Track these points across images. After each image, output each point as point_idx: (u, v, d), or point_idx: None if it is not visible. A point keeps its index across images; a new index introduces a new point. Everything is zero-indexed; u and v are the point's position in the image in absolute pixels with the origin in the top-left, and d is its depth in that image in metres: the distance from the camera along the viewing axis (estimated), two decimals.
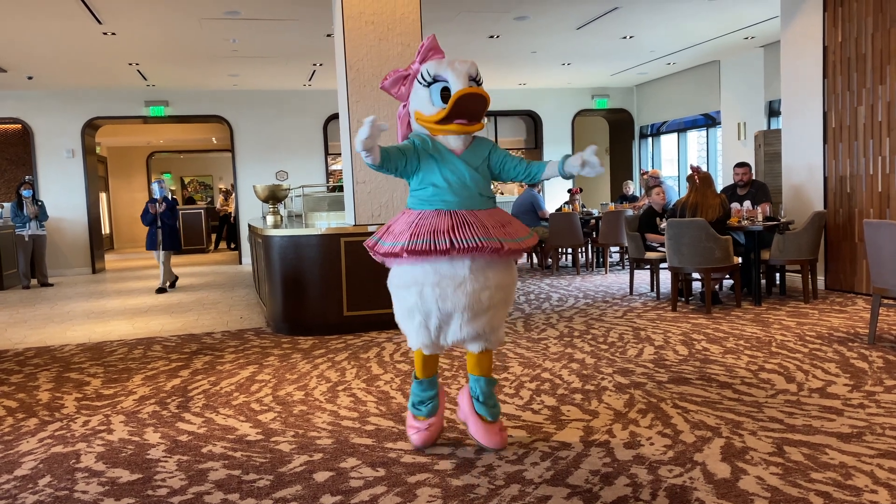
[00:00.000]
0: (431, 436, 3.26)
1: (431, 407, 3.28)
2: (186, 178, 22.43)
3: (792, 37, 7.65)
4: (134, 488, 2.94)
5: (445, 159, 3.07)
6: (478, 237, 2.92)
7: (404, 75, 3.16)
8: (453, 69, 3.01)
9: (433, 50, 3.15)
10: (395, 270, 3.13)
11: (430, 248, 2.91)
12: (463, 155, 3.09)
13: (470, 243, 2.90)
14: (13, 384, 4.79)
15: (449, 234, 2.92)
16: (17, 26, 7.88)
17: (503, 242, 2.97)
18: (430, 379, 3.27)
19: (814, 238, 6.65)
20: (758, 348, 4.94)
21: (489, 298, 3.01)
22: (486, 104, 3.01)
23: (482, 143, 3.20)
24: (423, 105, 3.07)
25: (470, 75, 3.02)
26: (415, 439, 3.25)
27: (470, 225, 2.96)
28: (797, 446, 3.09)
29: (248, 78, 11.58)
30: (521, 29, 8.93)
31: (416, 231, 2.96)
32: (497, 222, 3.05)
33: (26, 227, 10.35)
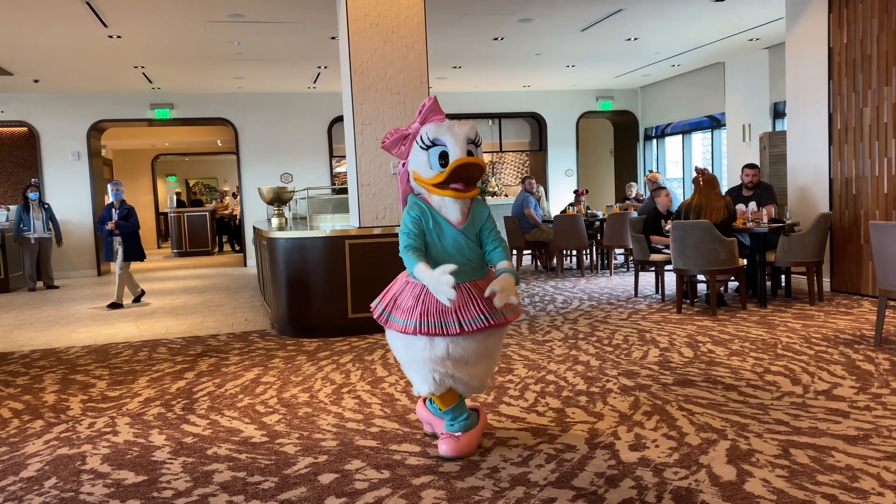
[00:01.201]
0: (463, 446, 3.15)
1: (470, 420, 3.23)
2: (191, 181, 22.50)
3: (797, 38, 7.64)
4: (139, 490, 2.94)
5: (445, 232, 3.12)
6: (483, 315, 3.01)
7: (405, 135, 3.19)
8: (452, 134, 3.05)
9: (433, 111, 3.16)
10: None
11: (440, 331, 2.99)
12: (463, 228, 3.13)
13: (477, 324, 3.00)
14: (19, 386, 4.81)
15: (457, 314, 3.00)
16: (23, 30, 7.92)
17: (506, 316, 3.10)
18: (458, 402, 3.21)
19: (819, 240, 6.63)
20: (763, 350, 4.92)
21: (494, 345, 3.19)
22: (482, 172, 3.09)
23: (479, 210, 3.21)
24: (421, 167, 3.10)
25: (469, 139, 3.07)
26: (445, 448, 3.14)
27: (474, 300, 3.03)
28: (803, 448, 3.08)
29: (253, 80, 11.61)
30: (525, 31, 8.93)
31: (425, 310, 3.01)
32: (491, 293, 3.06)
33: (29, 230, 10.37)
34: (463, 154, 3.03)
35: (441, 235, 3.11)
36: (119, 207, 8.28)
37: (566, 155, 14.21)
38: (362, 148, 6.11)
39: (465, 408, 3.25)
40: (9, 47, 8.71)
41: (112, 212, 8.26)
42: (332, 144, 13.27)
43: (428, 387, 3.13)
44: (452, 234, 3.11)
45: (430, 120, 3.14)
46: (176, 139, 17.78)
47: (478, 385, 3.22)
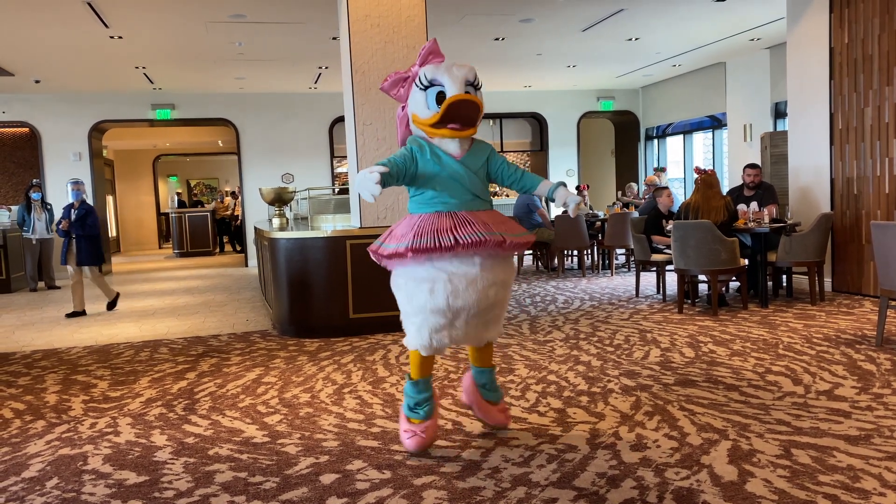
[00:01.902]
0: (427, 440, 3.21)
1: (428, 409, 3.24)
2: (193, 181, 22.52)
3: (798, 38, 7.63)
4: (141, 490, 2.94)
5: (444, 163, 3.12)
6: (480, 232, 2.98)
7: (404, 77, 3.19)
8: (450, 74, 3.05)
9: (433, 53, 3.18)
10: (401, 271, 3.14)
11: (434, 245, 2.94)
12: (462, 158, 3.14)
13: (473, 238, 2.96)
14: (21, 386, 4.81)
15: (452, 232, 2.98)
16: (24, 30, 7.93)
17: (505, 236, 3.05)
18: (426, 379, 3.26)
19: (820, 240, 6.62)
20: (764, 350, 4.92)
21: (496, 294, 3.09)
22: (479, 110, 3.06)
23: (481, 147, 3.24)
24: (419, 108, 3.11)
25: (467, 80, 3.06)
26: (409, 444, 3.19)
27: (470, 223, 3.02)
28: (804, 449, 3.08)
29: (254, 81, 11.62)
30: (526, 31, 8.93)
31: (419, 231, 3.00)
32: (496, 220, 3.12)
33: (30, 231, 10.38)
34: (460, 92, 3.02)
35: (441, 166, 3.10)
36: (78, 207, 7.79)
37: (567, 155, 14.21)
38: (363, 148, 6.11)
39: (431, 387, 3.27)
40: (10, 48, 8.72)
41: (71, 212, 7.79)
42: (334, 145, 13.28)
43: (420, 339, 3.10)
44: (452, 166, 3.10)
45: (430, 62, 3.14)
46: (177, 140, 17.80)
47: (475, 336, 3.17)
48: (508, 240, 3.05)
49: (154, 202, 19.75)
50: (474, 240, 2.95)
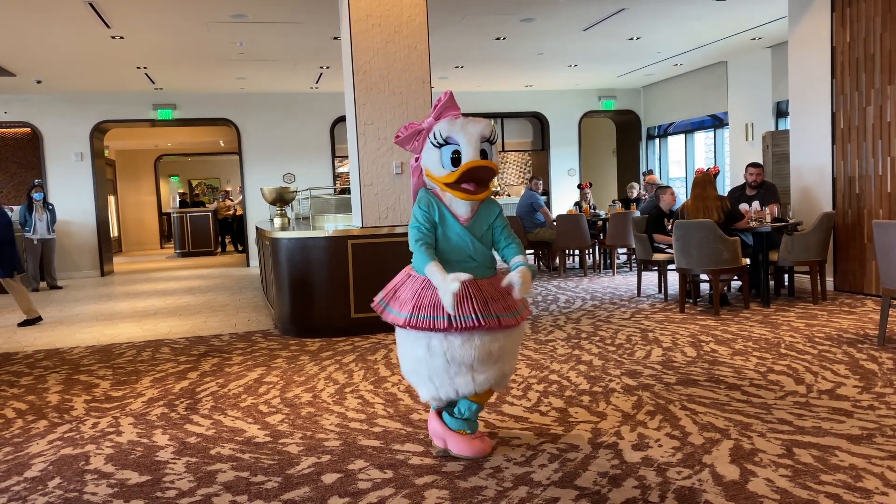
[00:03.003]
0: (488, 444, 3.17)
1: (475, 409, 3.19)
2: (194, 181, 22.54)
3: (800, 37, 7.63)
4: (143, 490, 2.95)
5: (450, 228, 3.06)
6: (476, 314, 2.89)
7: (418, 130, 3.13)
8: (465, 133, 2.98)
9: (449, 107, 3.09)
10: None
11: (430, 325, 2.91)
12: (469, 224, 3.06)
13: (468, 321, 2.88)
14: (23, 386, 4.82)
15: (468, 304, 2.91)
16: (25, 30, 7.93)
17: (500, 318, 2.94)
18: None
19: (822, 239, 6.62)
20: (766, 350, 4.92)
21: (500, 349, 2.99)
22: (494, 174, 3.02)
23: (489, 208, 3.14)
24: (433, 165, 3.05)
25: (483, 137, 3.00)
26: (473, 450, 3.12)
27: (471, 298, 2.91)
28: (807, 448, 3.08)
29: (256, 81, 11.62)
30: (527, 31, 8.93)
31: (419, 304, 2.95)
32: (498, 293, 3.00)
33: (31, 231, 10.39)
34: (476, 154, 2.96)
35: (446, 230, 3.06)
36: None
37: (569, 154, 14.20)
38: (365, 148, 6.11)
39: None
40: (12, 48, 8.73)
41: None
42: (335, 144, 13.28)
43: (429, 392, 3.06)
44: (457, 231, 3.06)
45: (445, 116, 3.07)
46: (179, 140, 17.81)
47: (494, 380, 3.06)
48: (503, 322, 2.94)
49: (156, 202, 19.76)
50: (468, 324, 2.88)
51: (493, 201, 3.20)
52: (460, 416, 3.17)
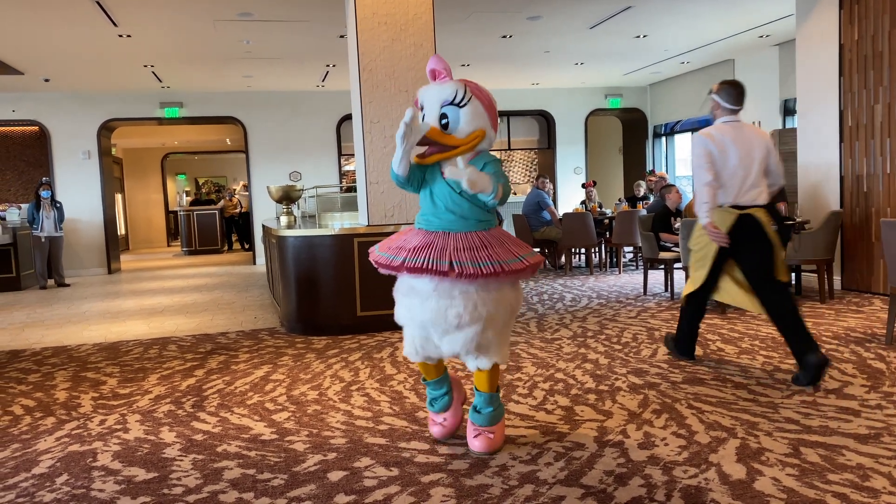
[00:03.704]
0: (448, 429, 3.36)
1: (443, 403, 3.36)
2: (201, 179, 22.59)
3: (807, 35, 7.59)
4: (150, 487, 2.96)
5: (435, 180, 3.09)
6: (433, 259, 2.89)
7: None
8: (426, 97, 3.06)
9: (432, 72, 3.11)
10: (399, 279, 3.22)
11: (388, 263, 3.03)
12: (450, 179, 3.02)
13: (417, 263, 2.92)
14: (31, 383, 4.84)
15: (413, 252, 2.95)
16: (34, 29, 7.96)
17: (463, 267, 2.88)
18: (437, 379, 3.34)
19: (830, 238, 6.59)
20: (773, 349, 4.90)
21: (457, 317, 2.95)
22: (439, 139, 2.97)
23: (478, 163, 3.05)
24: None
25: (443, 101, 2.99)
26: (434, 431, 3.37)
27: (430, 247, 2.94)
28: (813, 447, 3.07)
29: (262, 79, 11.64)
30: (534, 29, 8.91)
31: (398, 246, 3.05)
32: (481, 244, 2.97)
33: (39, 229, 10.43)
34: (433, 118, 3.00)
35: (431, 181, 3.09)
36: None
37: (575, 153, 14.18)
38: (371, 146, 6.11)
39: (446, 383, 3.34)
40: (19, 47, 8.77)
41: None
42: (341, 143, 13.29)
43: (406, 347, 3.21)
44: (439, 182, 3.07)
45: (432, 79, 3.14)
46: (185, 138, 17.85)
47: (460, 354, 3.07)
48: (461, 270, 2.88)
49: (163, 200, 19.82)
50: (417, 266, 2.91)
51: (482, 157, 3.09)
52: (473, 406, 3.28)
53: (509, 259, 2.97)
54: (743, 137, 4.27)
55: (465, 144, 3.00)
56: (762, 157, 4.25)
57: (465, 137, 3.01)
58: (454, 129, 3.01)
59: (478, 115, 3.04)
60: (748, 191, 4.23)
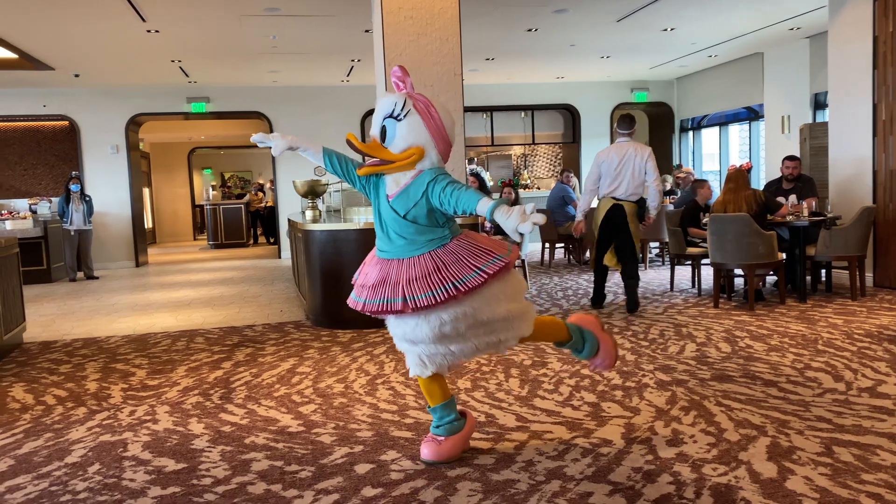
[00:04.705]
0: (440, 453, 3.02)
1: (450, 427, 3.06)
2: (227, 174, 22.79)
3: (840, 27, 7.45)
4: (179, 477, 2.99)
5: (379, 203, 2.97)
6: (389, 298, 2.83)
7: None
8: (377, 106, 3.01)
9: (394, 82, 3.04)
10: None
11: (355, 305, 3.03)
12: (393, 200, 2.90)
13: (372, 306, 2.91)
14: (62, 374, 4.92)
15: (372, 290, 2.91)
16: (64, 26, 8.07)
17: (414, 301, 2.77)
18: (443, 404, 3.07)
19: (862, 233, 6.47)
20: (803, 346, 4.83)
21: (431, 330, 2.83)
22: (356, 149, 2.94)
23: (420, 182, 2.85)
24: None
25: (384, 114, 2.91)
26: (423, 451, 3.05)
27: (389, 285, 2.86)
28: (847, 447, 3.01)
29: (287, 74, 11.70)
30: (559, 22, 8.85)
31: (357, 282, 3.07)
32: (434, 267, 2.80)
33: (69, 222, 10.59)
34: (376, 129, 2.94)
35: (377, 203, 3.00)
36: None
37: (600, 147, 13.91)
38: None
39: (453, 409, 3.09)
40: (50, 43, 8.89)
41: None
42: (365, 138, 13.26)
43: (409, 363, 3.04)
44: (384, 206, 2.95)
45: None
46: (212, 133, 18.01)
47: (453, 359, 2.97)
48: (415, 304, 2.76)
49: (189, 194, 20.02)
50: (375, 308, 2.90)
51: (427, 174, 2.86)
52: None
53: (466, 276, 2.77)
54: (622, 151, 6.27)
55: (400, 161, 2.85)
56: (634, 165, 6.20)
57: (399, 153, 2.86)
58: (390, 143, 2.89)
59: (415, 131, 2.85)
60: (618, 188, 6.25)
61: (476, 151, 16.48)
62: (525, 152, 17.00)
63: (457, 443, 3.05)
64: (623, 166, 6.21)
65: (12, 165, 12.35)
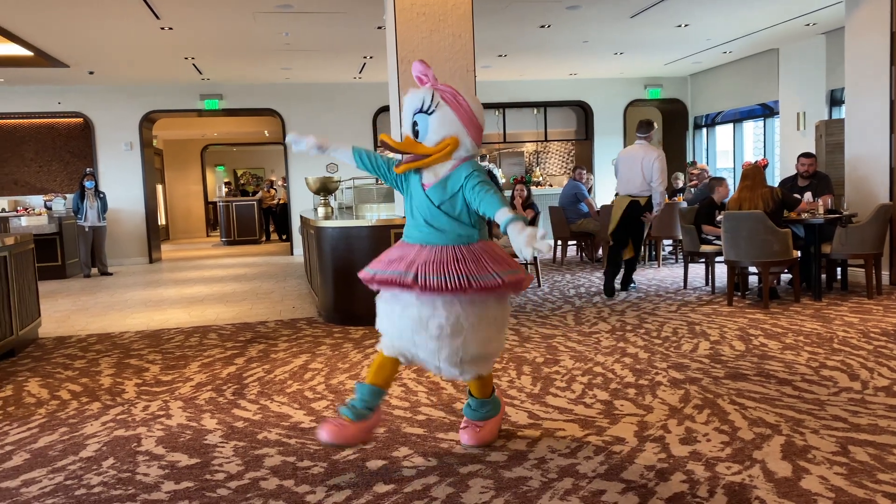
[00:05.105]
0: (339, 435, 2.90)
1: (358, 414, 2.94)
2: (239, 171, 22.88)
3: (857, 23, 7.37)
4: (192, 472, 3.01)
5: (412, 192, 3.00)
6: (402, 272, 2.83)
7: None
8: (404, 105, 3.01)
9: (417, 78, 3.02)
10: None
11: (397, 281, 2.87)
12: (429, 190, 2.94)
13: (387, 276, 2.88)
14: (77, 369, 4.96)
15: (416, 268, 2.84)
16: (80, 23, 8.13)
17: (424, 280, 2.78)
18: (376, 390, 2.98)
19: (879, 231, 6.40)
20: (818, 345, 4.79)
21: (439, 328, 2.84)
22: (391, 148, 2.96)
23: (458, 175, 2.89)
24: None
25: (414, 110, 2.94)
26: (322, 430, 2.92)
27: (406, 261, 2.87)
28: (862, 446, 2.99)
29: (300, 71, 11.72)
30: (573, 18, 8.81)
31: (382, 259, 3.01)
32: (453, 258, 2.83)
33: (83, 218, 10.66)
34: (407, 127, 2.98)
35: (410, 193, 3.02)
36: None
37: (613, 144, 13.99)
38: None
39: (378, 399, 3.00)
40: (65, 40, 8.96)
41: None
42: (378, 134, 13.32)
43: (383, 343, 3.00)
44: (416, 193, 2.98)
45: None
46: (224, 129, 18.08)
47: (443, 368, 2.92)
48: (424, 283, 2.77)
49: (202, 191, 20.12)
50: (386, 278, 2.88)
51: (467, 166, 2.91)
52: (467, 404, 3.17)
53: (482, 275, 2.80)
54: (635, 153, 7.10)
55: (437, 153, 2.89)
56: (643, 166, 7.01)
57: (434, 146, 2.89)
58: (424, 138, 2.92)
59: (447, 122, 2.88)
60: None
61: (488, 148, 16.45)
62: (537, 149, 16.96)
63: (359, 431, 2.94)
64: (634, 167, 7.04)
65: (28, 162, 12.45)
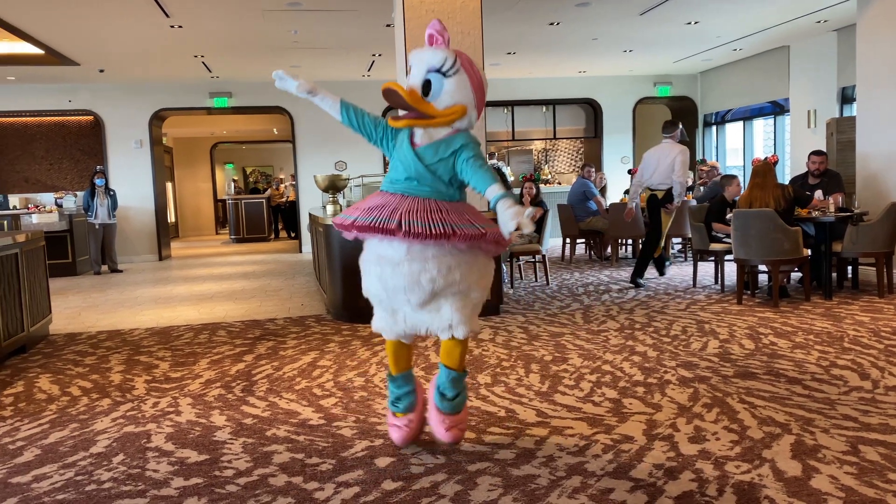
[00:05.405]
0: (411, 433, 3.14)
1: (409, 402, 3.15)
2: (248, 169, 22.95)
3: (870, 19, 7.31)
4: (202, 469, 3.02)
5: (402, 147, 2.95)
6: (385, 218, 2.77)
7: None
8: (414, 59, 2.94)
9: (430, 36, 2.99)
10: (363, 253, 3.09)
11: (341, 221, 2.89)
12: (419, 149, 2.90)
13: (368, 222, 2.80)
14: (87, 366, 4.99)
15: (367, 211, 2.83)
16: (90, 22, 8.17)
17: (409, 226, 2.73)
18: (404, 374, 3.16)
19: (890, 229, 6.36)
20: (829, 343, 4.76)
21: (431, 281, 2.83)
22: (407, 100, 2.84)
23: (452, 142, 2.88)
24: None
25: (430, 67, 2.86)
26: (394, 437, 3.15)
27: (387, 209, 2.81)
28: (873, 445, 2.97)
29: (309, 69, 11.73)
30: (582, 16, 8.78)
31: (360, 206, 2.92)
32: (436, 208, 2.82)
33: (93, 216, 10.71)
34: (416, 81, 2.88)
35: (399, 148, 2.96)
36: None
37: (622, 142, 13.97)
38: None
39: (412, 382, 3.17)
40: (76, 38, 9.00)
41: None
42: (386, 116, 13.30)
43: (377, 322, 3.08)
44: (407, 151, 2.91)
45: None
46: (234, 127, 18.13)
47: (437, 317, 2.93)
48: (409, 228, 2.73)
49: (211, 189, 20.19)
50: (367, 224, 2.80)
51: (463, 136, 2.90)
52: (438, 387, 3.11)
53: (465, 224, 2.79)
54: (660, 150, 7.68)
55: (443, 117, 2.86)
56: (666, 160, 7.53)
57: (443, 109, 2.85)
58: (435, 98, 2.86)
59: (462, 89, 2.87)
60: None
61: (497, 146, 16.43)
62: (546, 147, 16.93)
63: (420, 417, 3.17)
64: (659, 161, 7.59)
65: (38, 160, 12.53)
